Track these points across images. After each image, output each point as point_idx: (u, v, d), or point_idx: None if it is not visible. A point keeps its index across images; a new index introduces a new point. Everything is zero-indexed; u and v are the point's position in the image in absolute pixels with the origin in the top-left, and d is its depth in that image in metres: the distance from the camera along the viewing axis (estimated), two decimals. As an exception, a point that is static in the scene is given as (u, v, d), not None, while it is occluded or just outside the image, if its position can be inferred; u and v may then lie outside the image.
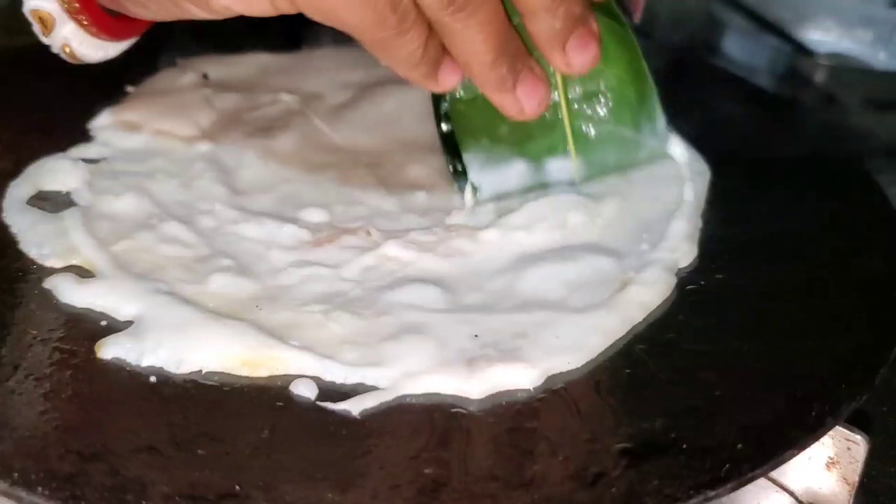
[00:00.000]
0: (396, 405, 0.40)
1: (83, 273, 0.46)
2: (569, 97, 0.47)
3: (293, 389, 0.40)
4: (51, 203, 0.50)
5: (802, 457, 0.41)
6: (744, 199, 0.55)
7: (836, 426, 0.41)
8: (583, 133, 0.50)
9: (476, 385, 0.41)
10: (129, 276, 0.45)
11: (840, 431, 0.44)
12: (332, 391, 0.40)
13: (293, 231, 0.50)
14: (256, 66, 0.64)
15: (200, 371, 0.41)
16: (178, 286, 0.45)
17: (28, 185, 0.51)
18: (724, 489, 0.36)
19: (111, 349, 0.41)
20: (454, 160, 0.52)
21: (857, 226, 0.53)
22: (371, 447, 0.38)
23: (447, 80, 0.42)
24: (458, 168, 0.52)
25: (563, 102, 0.47)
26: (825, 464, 0.45)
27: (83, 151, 0.55)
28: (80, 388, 0.39)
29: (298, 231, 0.50)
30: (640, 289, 0.47)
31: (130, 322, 0.43)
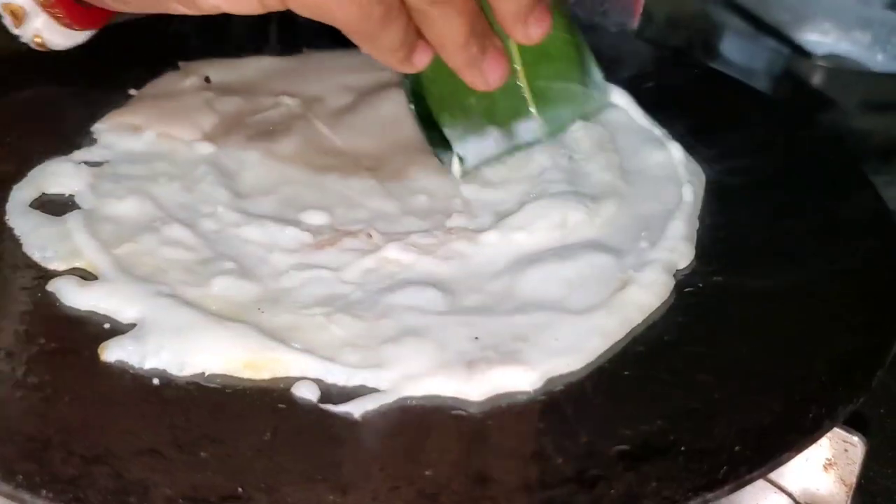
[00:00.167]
0: (397, 407, 0.40)
1: (86, 276, 0.46)
2: (524, 63, 0.51)
3: (295, 392, 0.40)
4: (54, 206, 0.51)
5: (800, 458, 0.41)
6: (741, 201, 0.55)
7: (834, 428, 0.42)
8: (539, 93, 0.53)
9: (476, 387, 0.41)
10: (132, 279, 0.45)
11: (838, 433, 0.44)
12: (334, 393, 0.41)
13: (295, 234, 0.50)
14: (258, 70, 0.64)
15: (203, 373, 0.41)
16: (181, 289, 0.45)
17: (31, 189, 0.51)
18: (723, 491, 0.36)
19: (114, 352, 0.41)
20: (432, 136, 0.54)
21: (855, 227, 0.54)
22: (372, 449, 0.38)
23: (420, 61, 0.44)
24: (439, 143, 0.54)
25: (521, 69, 0.50)
26: (823, 465, 0.45)
27: (86, 154, 0.55)
28: (83, 391, 0.40)
29: (300, 234, 0.50)
30: (639, 291, 0.47)
31: (133, 325, 0.43)
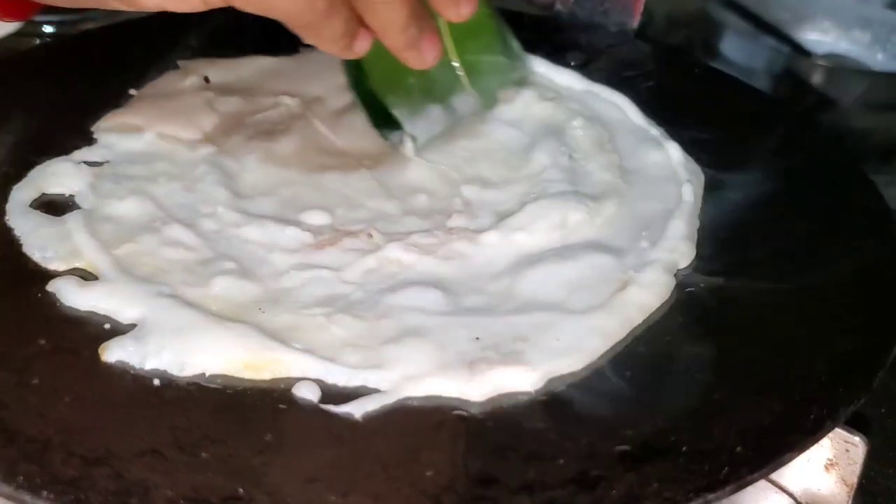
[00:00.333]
0: (398, 408, 0.40)
1: (86, 276, 0.46)
2: (454, 40, 0.52)
3: (296, 392, 0.40)
4: (54, 206, 0.50)
5: (801, 458, 0.41)
6: (741, 201, 0.55)
7: (835, 428, 0.42)
8: (470, 68, 0.54)
9: (477, 388, 0.41)
10: (132, 279, 0.45)
11: (839, 433, 0.44)
12: (335, 394, 0.41)
13: (295, 234, 0.50)
14: (257, 70, 0.64)
15: (203, 374, 0.41)
16: (181, 289, 0.45)
17: (31, 189, 0.51)
18: (724, 492, 0.36)
19: (115, 352, 0.41)
20: (377, 119, 0.54)
21: (855, 227, 0.54)
22: (373, 450, 0.38)
23: (362, 48, 0.45)
24: (384, 124, 0.55)
25: (452, 45, 0.51)
26: (824, 465, 0.45)
27: (86, 155, 0.55)
28: (84, 392, 0.40)
29: (300, 234, 0.50)
30: (640, 291, 0.47)
31: (134, 325, 0.43)
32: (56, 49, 0.70)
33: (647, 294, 0.47)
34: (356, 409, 0.40)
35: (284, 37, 0.42)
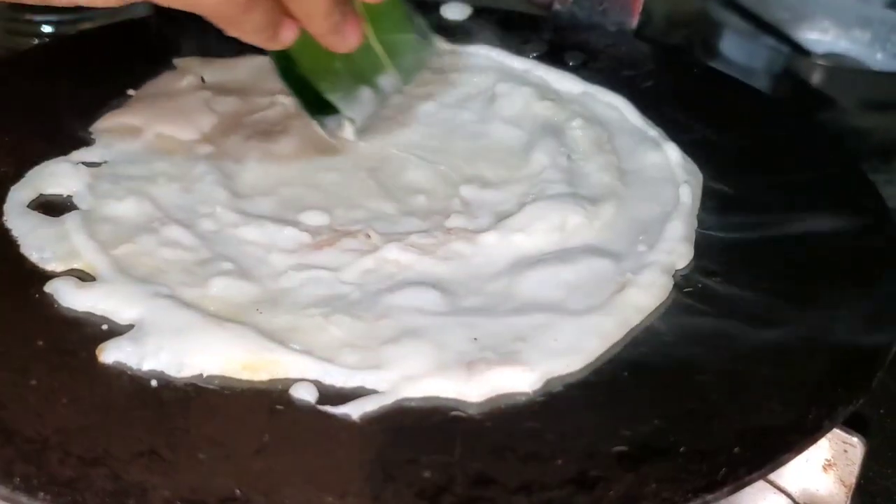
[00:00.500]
0: (396, 408, 0.40)
1: (84, 277, 0.46)
2: (370, 21, 0.53)
3: (293, 393, 0.40)
4: (52, 207, 0.50)
5: (800, 459, 0.41)
6: (740, 201, 0.55)
7: (834, 428, 0.42)
8: (388, 47, 0.55)
9: (475, 388, 0.41)
10: (130, 280, 0.45)
11: (837, 434, 0.44)
12: (332, 395, 0.41)
13: (293, 234, 0.50)
14: (253, 69, 0.64)
15: (201, 375, 0.41)
16: (179, 290, 0.45)
17: (29, 189, 0.51)
18: (722, 492, 0.36)
19: (112, 353, 0.41)
20: (310, 106, 0.54)
21: (855, 227, 0.53)
22: (371, 451, 0.38)
23: (287, 37, 0.46)
24: (317, 111, 0.55)
25: (370, 27, 0.52)
26: (822, 466, 0.45)
27: (84, 155, 0.54)
28: (81, 393, 0.39)
29: (298, 234, 0.50)
30: (638, 292, 0.47)
31: (131, 326, 0.43)
32: (54, 49, 0.70)
33: (645, 295, 0.47)
34: (354, 410, 0.39)
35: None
